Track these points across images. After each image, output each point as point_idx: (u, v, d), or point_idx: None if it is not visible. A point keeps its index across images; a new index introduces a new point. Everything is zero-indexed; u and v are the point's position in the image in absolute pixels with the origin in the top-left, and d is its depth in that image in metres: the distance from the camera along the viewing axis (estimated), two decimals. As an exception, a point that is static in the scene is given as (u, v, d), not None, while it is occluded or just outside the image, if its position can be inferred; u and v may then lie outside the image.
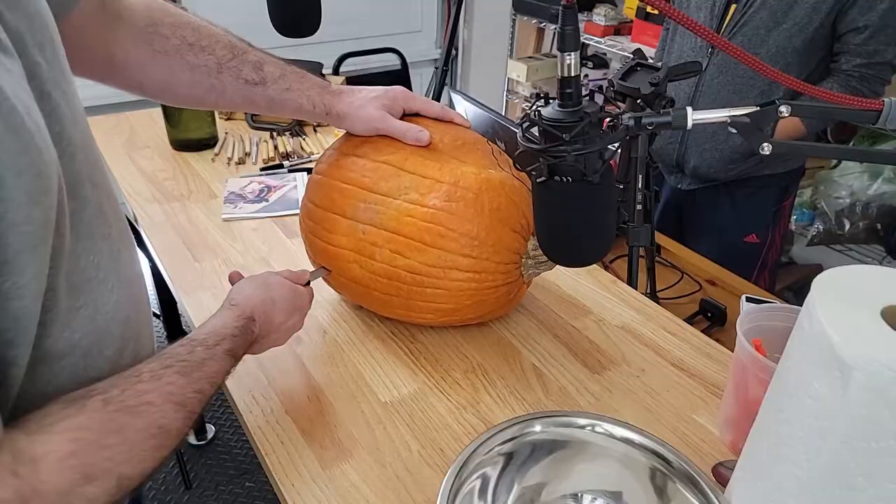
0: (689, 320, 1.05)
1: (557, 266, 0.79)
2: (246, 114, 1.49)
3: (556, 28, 0.80)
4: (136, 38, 0.73)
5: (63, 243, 0.47)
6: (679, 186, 1.64)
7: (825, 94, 0.58)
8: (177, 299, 0.94)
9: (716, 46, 0.60)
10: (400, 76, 2.70)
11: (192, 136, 1.35)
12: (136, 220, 1.11)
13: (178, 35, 0.75)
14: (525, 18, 2.84)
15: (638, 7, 2.31)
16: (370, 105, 0.80)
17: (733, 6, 1.43)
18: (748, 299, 1.03)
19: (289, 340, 0.85)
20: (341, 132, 0.86)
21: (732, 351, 0.72)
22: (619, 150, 1.04)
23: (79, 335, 0.50)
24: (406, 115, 0.83)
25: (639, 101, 0.97)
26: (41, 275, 0.44)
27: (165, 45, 0.74)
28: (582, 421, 0.65)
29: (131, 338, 0.58)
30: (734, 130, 0.61)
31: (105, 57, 0.73)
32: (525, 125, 0.61)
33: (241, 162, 1.33)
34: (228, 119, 1.51)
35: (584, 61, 2.67)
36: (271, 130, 1.46)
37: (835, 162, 1.97)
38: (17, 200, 0.40)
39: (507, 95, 3.02)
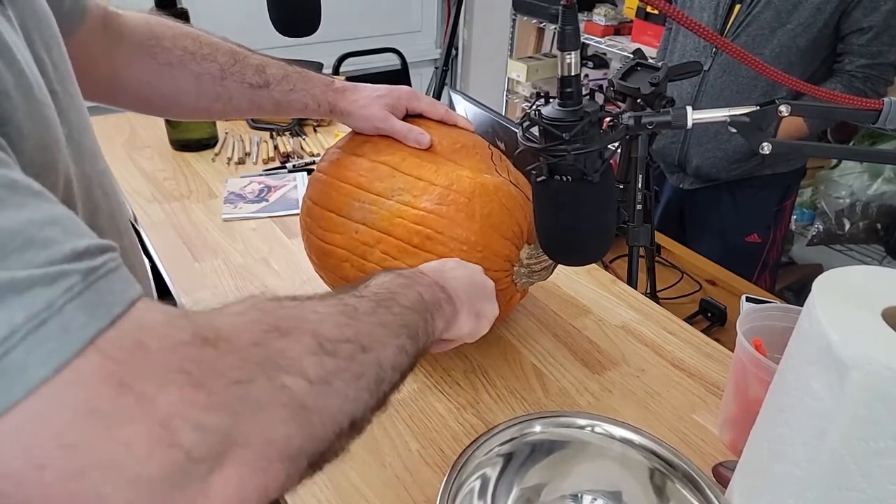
0: (689, 320, 1.05)
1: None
2: (246, 113, 1.49)
3: (556, 28, 0.80)
4: (139, 53, 0.74)
5: None
6: (681, 186, 1.64)
7: (826, 94, 0.58)
8: (177, 299, 0.94)
9: (716, 46, 0.60)
10: (400, 76, 2.70)
11: (192, 136, 1.35)
12: (136, 220, 1.11)
13: (179, 46, 0.75)
14: (525, 18, 2.83)
15: (638, 7, 2.31)
16: (374, 104, 0.80)
17: (737, 6, 1.43)
18: (748, 299, 1.03)
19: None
20: (342, 132, 0.86)
21: (732, 351, 0.72)
22: (619, 150, 1.04)
23: None
24: (409, 116, 0.83)
25: (639, 100, 0.97)
26: None
27: (169, 56, 0.74)
28: (581, 421, 0.65)
29: None
30: (734, 130, 0.61)
31: (110, 75, 0.73)
32: (525, 124, 0.61)
33: (241, 162, 1.33)
34: (228, 119, 1.51)
35: (584, 61, 2.67)
36: (271, 130, 1.46)
37: (835, 162, 1.96)
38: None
39: (507, 95, 3.02)
